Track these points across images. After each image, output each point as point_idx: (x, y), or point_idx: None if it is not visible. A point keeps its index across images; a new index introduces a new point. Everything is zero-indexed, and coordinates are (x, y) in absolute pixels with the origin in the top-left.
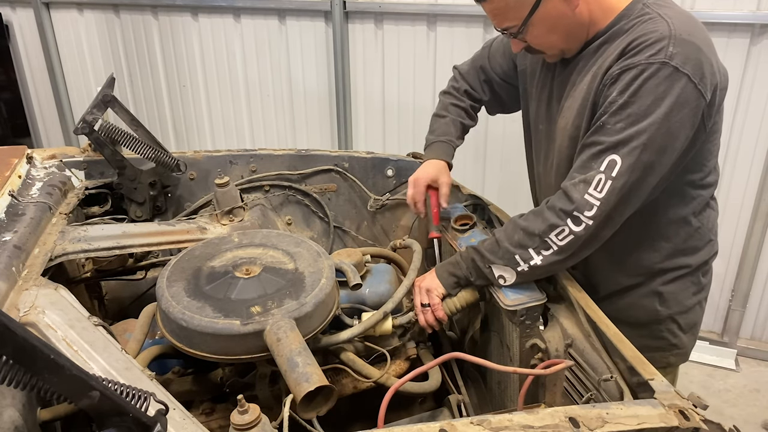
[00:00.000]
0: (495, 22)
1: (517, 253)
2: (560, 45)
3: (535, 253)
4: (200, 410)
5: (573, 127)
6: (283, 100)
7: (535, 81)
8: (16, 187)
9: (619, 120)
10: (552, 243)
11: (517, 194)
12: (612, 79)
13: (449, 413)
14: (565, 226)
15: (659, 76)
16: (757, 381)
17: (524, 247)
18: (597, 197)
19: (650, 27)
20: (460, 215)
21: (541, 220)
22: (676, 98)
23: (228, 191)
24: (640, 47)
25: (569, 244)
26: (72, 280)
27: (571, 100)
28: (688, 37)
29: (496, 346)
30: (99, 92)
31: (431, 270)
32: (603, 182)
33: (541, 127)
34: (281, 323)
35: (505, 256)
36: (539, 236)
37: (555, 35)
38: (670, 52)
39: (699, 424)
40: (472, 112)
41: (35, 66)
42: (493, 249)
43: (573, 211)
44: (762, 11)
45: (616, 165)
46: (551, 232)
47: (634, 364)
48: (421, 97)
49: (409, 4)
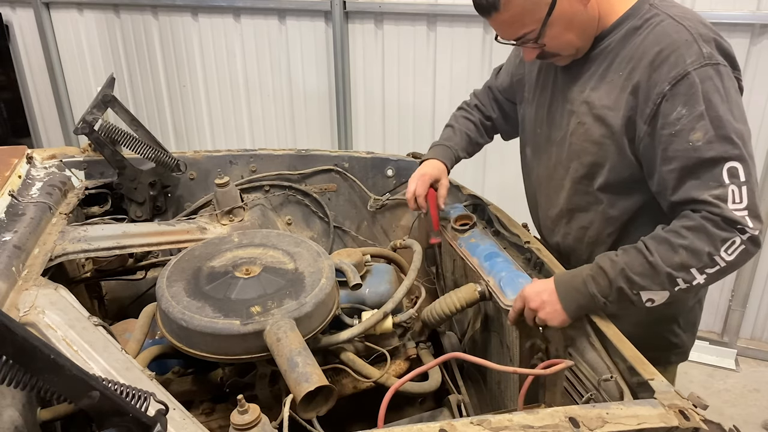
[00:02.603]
0: (510, 31)
1: (680, 275)
2: (576, 43)
3: (699, 273)
4: (200, 410)
5: (596, 135)
6: (283, 100)
7: (532, 86)
8: (16, 187)
9: (707, 131)
10: (720, 259)
11: (517, 194)
12: (663, 96)
13: (449, 413)
14: (736, 238)
15: (712, 77)
16: (757, 381)
17: (688, 268)
18: (741, 207)
19: (673, 34)
20: (460, 215)
21: (706, 235)
22: (731, 90)
23: (228, 191)
24: (674, 56)
25: (739, 257)
26: (72, 280)
27: (584, 106)
28: (705, 34)
29: (496, 346)
30: (99, 92)
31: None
32: (737, 192)
33: (539, 130)
34: (281, 323)
35: (665, 281)
36: (709, 254)
37: (571, 33)
38: (707, 52)
39: (699, 424)
40: (482, 127)
41: (35, 66)
42: (648, 274)
43: (736, 224)
44: (762, 11)
45: (738, 170)
46: (722, 247)
47: (634, 364)
48: (421, 97)
49: (409, 4)
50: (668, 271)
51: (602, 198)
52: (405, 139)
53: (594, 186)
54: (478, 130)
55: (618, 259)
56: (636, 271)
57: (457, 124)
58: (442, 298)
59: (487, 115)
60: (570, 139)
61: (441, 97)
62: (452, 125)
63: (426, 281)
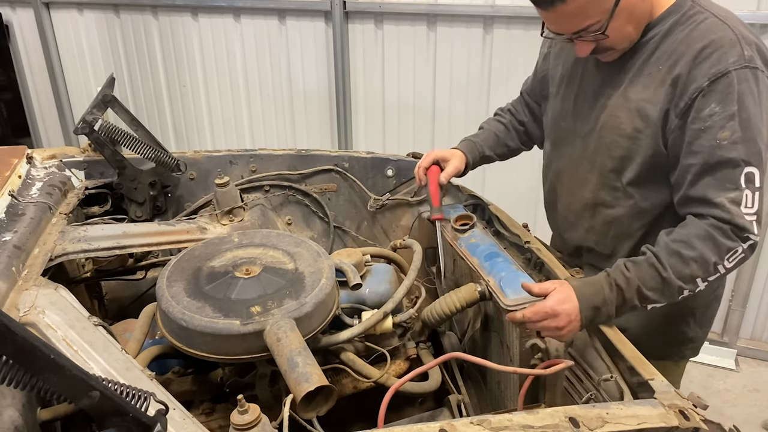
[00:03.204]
0: (571, 24)
1: (687, 287)
2: (632, 36)
3: (702, 281)
4: (200, 410)
5: (629, 128)
6: (283, 100)
7: (556, 81)
8: (16, 187)
9: (735, 131)
10: (722, 267)
11: (517, 194)
12: (701, 91)
13: (449, 413)
14: (740, 247)
15: (749, 80)
16: (757, 381)
17: (695, 278)
18: (752, 212)
19: (718, 32)
20: (460, 215)
21: (714, 245)
22: (765, 96)
23: (228, 191)
24: (717, 54)
25: (736, 264)
26: (72, 280)
27: (619, 99)
28: (747, 36)
29: (496, 346)
30: (99, 92)
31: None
32: (751, 197)
33: (563, 123)
34: (281, 323)
35: (674, 293)
36: (714, 264)
37: (630, 25)
38: (748, 55)
39: (699, 424)
40: (513, 131)
41: (35, 66)
42: (660, 289)
43: (745, 234)
44: (762, 11)
45: (755, 176)
46: (725, 255)
47: (634, 364)
48: (421, 97)
49: (409, 4)
50: (678, 285)
51: (632, 192)
52: (405, 139)
53: (623, 180)
54: (508, 132)
55: (632, 276)
56: (649, 287)
57: (486, 125)
58: (442, 298)
59: (519, 119)
60: (599, 132)
61: (441, 97)
62: (482, 126)
63: (426, 281)
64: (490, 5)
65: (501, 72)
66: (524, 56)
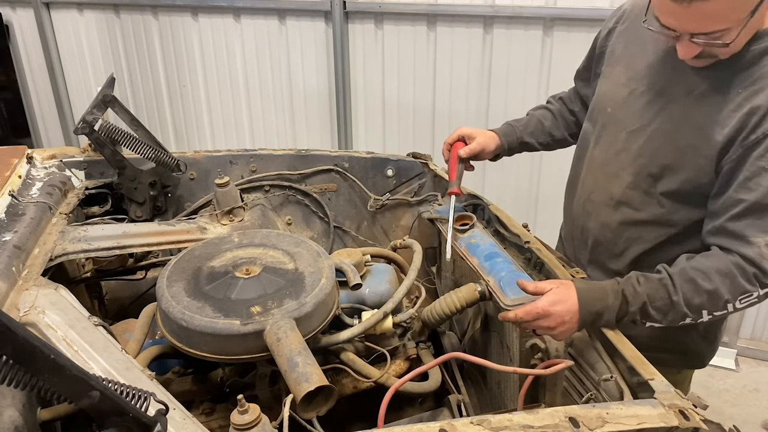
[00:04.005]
0: (702, 24)
1: (692, 316)
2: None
3: (708, 314)
4: (200, 410)
5: (683, 142)
6: (283, 100)
7: (616, 61)
8: (16, 187)
9: None
10: (732, 306)
11: (517, 194)
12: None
13: (449, 413)
14: (756, 292)
15: None
16: (757, 381)
17: (701, 310)
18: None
19: None
20: (460, 215)
21: (732, 284)
22: None
23: (228, 191)
24: None
25: (746, 307)
26: (72, 280)
27: (682, 108)
28: None
29: (496, 346)
30: (99, 92)
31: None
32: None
33: (610, 110)
34: (281, 323)
35: (675, 318)
36: (726, 302)
37: (747, 36)
38: None
39: (699, 424)
40: (561, 119)
41: (35, 66)
42: (665, 311)
43: (765, 277)
44: None
45: None
46: (738, 296)
47: (634, 364)
48: (421, 97)
49: (409, 4)
50: (684, 312)
51: (664, 202)
52: (405, 139)
53: (658, 188)
54: (555, 120)
55: (641, 290)
56: (655, 306)
57: (533, 111)
58: (442, 298)
59: (570, 108)
60: (651, 134)
61: (441, 97)
62: (529, 112)
63: (426, 281)
64: (490, 5)
65: (501, 72)
66: (524, 56)
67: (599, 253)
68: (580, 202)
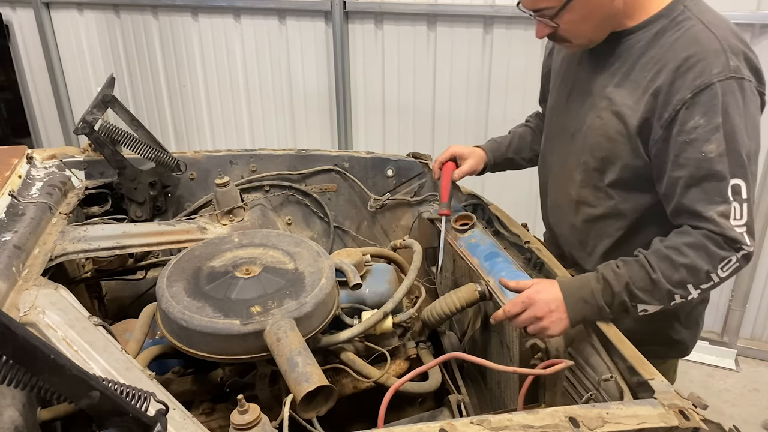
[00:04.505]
0: (530, 2)
1: (678, 292)
2: (589, 35)
3: (695, 288)
4: (200, 410)
5: (612, 131)
6: (283, 100)
7: (555, 75)
8: (16, 187)
9: (720, 143)
10: (716, 276)
11: (517, 194)
12: (684, 103)
13: (449, 413)
14: (734, 256)
15: (734, 91)
16: (757, 381)
17: (686, 285)
18: (742, 223)
19: (703, 41)
20: (460, 215)
21: (706, 255)
22: (751, 106)
23: (228, 191)
24: (701, 64)
25: (731, 273)
26: (72, 280)
27: (604, 101)
28: (735, 45)
29: (496, 346)
30: (99, 92)
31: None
32: (739, 209)
33: (555, 118)
34: (281, 323)
35: (664, 297)
36: (707, 272)
37: (588, 24)
38: (734, 65)
39: (699, 424)
40: (539, 132)
41: (35, 66)
42: (649, 290)
43: (738, 245)
44: (762, 11)
45: (741, 188)
46: (719, 265)
47: (634, 364)
48: (421, 97)
49: (409, 4)
50: (668, 288)
51: (612, 193)
52: (405, 139)
53: (604, 181)
54: (535, 135)
55: (621, 272)
56: (638, 286)
57: (515, 129)
58: (442, 298)
59: None
60: (585, 132)
61: (441, 97)
62: (511, 131)
63: (426, 281)
64: (490, 5)
65: (501, 72)
66: (524, 56)
67: (574, 255)
68: (551, 211)
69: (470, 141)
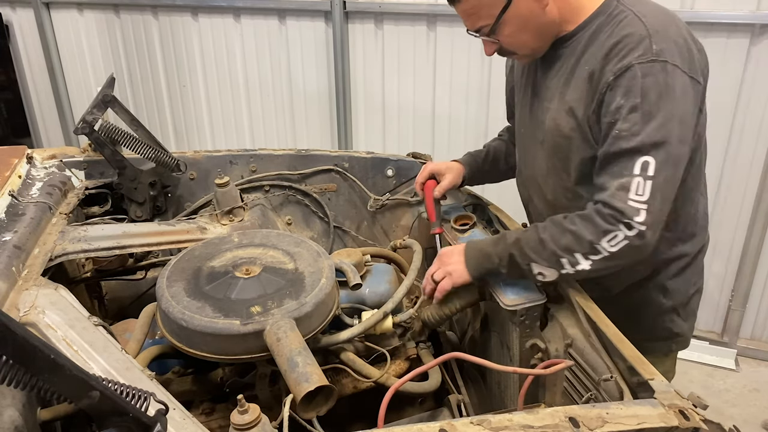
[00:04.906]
0: (468, 23)
1: (565, 257)
2: (531, 44)
3: (583, 258)
4: (200, 410)
5: (566, 129)
6: (283, 100)
7: (518, 89)
8: (16, 187)
9: (635, 123)
10: (603, 249)
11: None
12: (608, 86)
13: (449, 413)
14: (618, 232)
15: (654, 73)
16: (757, 381)
17: (571, 251)
18: (641, 200)
19: (629, 28)
20: (460, 215)
21: (591, 225)
22: (677, 89)
23: (228, 191)
24: (625, 49)
25: (622, 250)
26: (72, 280)
27: (558, 102)
28: (664, 32)
29: (496, 346)
30: (99, 92)
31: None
32: (642, 185)
33: (523, 130)
34: (281, 323)
35: (550, 258)
36: (590, 242)
37: (526, 34)
38: (657, 49)
39: (699, 424)
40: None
41: (35, 66)
42: (537, 249)
43: (623, 218)
44: (762, 11)
45: (650, 165)
46: (603, 238)
47: (634, 363)
48: (421, 97)
49: (409, 4)
50: (553, 249)
51: (580, 191)
52: (405, 139)
53: (571, 181)
54: (508, 147)
55: (518, 233)
56: (528, 245)
57: (489, 143)
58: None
59: None
60: (546, 136)
61: (441, 97)
62: (485, 145)
63: None
64: None
65: (501, 72)
66: None
67: None
68: (536, 219)
69: (470, 141)
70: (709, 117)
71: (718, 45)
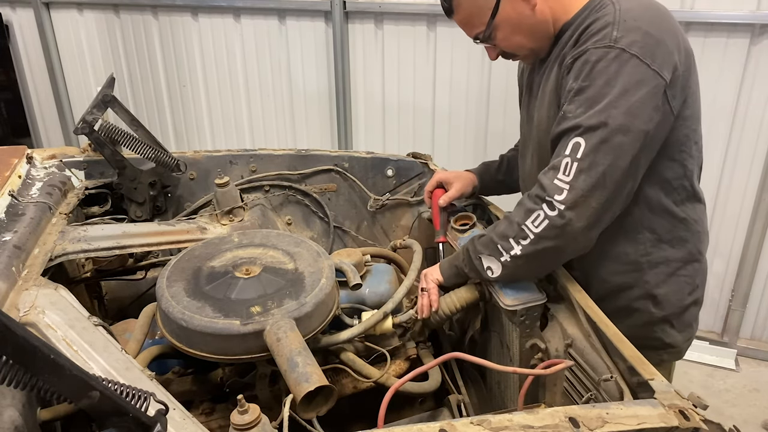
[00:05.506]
0: (466, 32)
1: (499, 243)
2: (527, 45)
3: (515, 243)
4: (200, 410)
5: (546, 122)
6: (283, 100)
7: (524, 91)
8: (16, 187)
9: (579, 105)
10: (528, 230)
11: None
12: (567, 69)
13: (449, 413)
14: (540, 210)
15: (607, 59)
16: (757, 381)
17: (506, 237)
18: (565, 181)
19: (599, 15)
20: (460, 215)
21: (520, 207)
22: (628, 78)
23: (228, 191)
24: (587, 34)
25: (545, 231)
26: (72, 280)
27: (541, 96)
28: (633, 23)
29: (496, 346)
30: (99, 92)
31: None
32: (569, 166)
33: (523, 130)
34: (281, 323)
35: (489, 245)
36: (518, 223)
37: (519, 36)
38: (615, 36)
39: (699, 424)
40: None
41: (35, 66)
42: (484, 241)
43: (545, 196)
44: (762, 11)
45: (580, 147)
46: (527, 219)
47: (634, 364)
48: (421, 97)
49: (409, 4)
50: (492, 237)
51: None
52: (405, 139)
53: None
54: None
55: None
56: (479, 239)
57: (504, 154)
58: (442, 298)
59: None
60: (533, 132)
61: (441, 97)
62: (500, 156)
63: None
64: None
65: (501, 72)
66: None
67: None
68: None
69: (470, 141)
70: (709, 117)
71: (718, 45)
